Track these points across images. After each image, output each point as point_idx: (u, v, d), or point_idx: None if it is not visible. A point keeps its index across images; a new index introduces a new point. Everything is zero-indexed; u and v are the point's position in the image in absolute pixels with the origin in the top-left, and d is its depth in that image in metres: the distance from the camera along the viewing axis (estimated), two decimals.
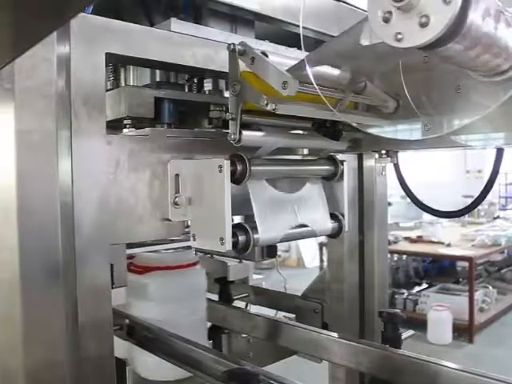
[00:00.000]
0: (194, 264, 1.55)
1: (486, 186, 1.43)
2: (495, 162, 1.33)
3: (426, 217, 7.81)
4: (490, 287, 6.32)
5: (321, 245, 6.30)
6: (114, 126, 1.17)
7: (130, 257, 1.57)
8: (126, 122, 1.18)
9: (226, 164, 0.97)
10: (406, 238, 6.69)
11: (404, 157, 1.45)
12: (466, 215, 8.21)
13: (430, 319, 5.38)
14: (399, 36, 0.79)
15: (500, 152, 1.31)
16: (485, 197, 1.47)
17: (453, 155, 11.30)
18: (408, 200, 1.52)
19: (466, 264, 6.07)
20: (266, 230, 1.02)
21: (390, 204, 7.02)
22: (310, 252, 5.22)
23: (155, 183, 1.04)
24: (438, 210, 1.43)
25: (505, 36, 0.88)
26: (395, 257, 6.98)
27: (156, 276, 1.48)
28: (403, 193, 1.49)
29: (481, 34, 0.81)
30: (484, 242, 6.28)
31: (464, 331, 5.47)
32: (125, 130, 1.19)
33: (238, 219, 1.34)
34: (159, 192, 1.04)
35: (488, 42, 0.85)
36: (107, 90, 1.16)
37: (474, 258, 5.72)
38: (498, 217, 8.67)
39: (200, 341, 1.29)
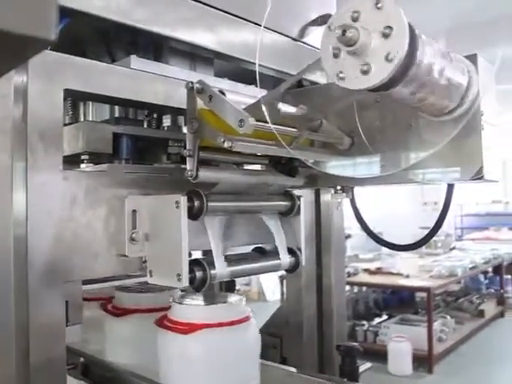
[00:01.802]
0: (248, 318, 1.21)
1: (439, 218, 1.48)
2: (446, 195, 1.38)
3: (385, 249, 7.93)
4: (448, 317, 6.43)
5: (281, 278, 6.30)
6: (72, 161, 1.17)
7: (161, 309, 1.27)
8: (83, 157, 1.18)
9: (183, 200, 0.97)
10: (366, 270, 6.76)
11: (361, 190, 1.49)
12: (424, 247, 8.40)
13: (390, 350, 5.41)
14: (341, 75, 0.83)
15: (450, 187, 1.36)
16: (438, 228, 1.51)
17: (410, 188, 11.58)
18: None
19: (424, 295, 6.16)
20: (224, 265, 1.02)
21: (349, 236, 7.12)
22: (270, 285, 5.22)
23: (112, 219, 1.03)
24: (393, 244, 1.47)
25: (449, 80, 0.94)
26: (355, 289, 7.03)
27: (203, 336, 1.12)
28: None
29: (425, 81, 0.87)
30: (441, 273, 6.40)
31: (423, 361, 5.51)
32: (82, 166, 1.19)
33: (198, 254, 1.35)
34: (116, 228, 1.04)
35: (432, 87, 0.91)
36: (65, 125, 1.16)
37: (431, 288, 5.82)
38: (454, 248, 8.88)
39: None
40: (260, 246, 1.20)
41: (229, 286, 1.63)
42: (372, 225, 1.51)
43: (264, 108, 0.96)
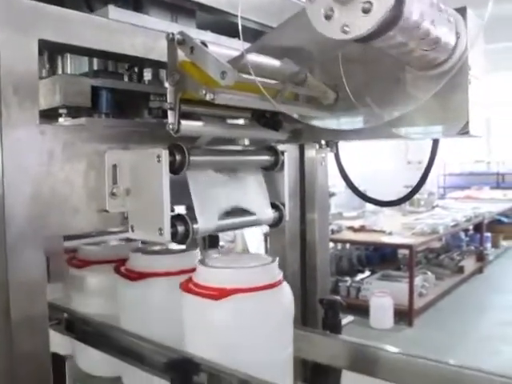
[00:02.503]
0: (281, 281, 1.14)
1: (422, 175, 1.49)
2: (432, 151, 1.38)
3: (369, 207, 8.02)
4: (429, 273, 6.57)
5: (265, 235, 6.36)
6: (50, 116, 1.13)
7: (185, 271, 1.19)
8: (61, 111, 1.14)
9: (165, 154, 0.96)
10: (349, 228, 6.83)
11: (345, 148, 1.49)
12: (407, 205, 8.50)
13: (372, 305, 5.54)
14: (346, 28, 0.80)
15: (436, 143, 1.35)
16: (421, 186, 1.52)
17: (394, 147, 11.63)
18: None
19: (406, 251, 6.27)
20: (206, 220, 1.02)
21: (333, 194, 7.16)
22: (255, 242, 5.27)
23: (92, 174, 1.01)
24: (377, 200, 1.47)
25: (440, 30, 0.92)
26: (339, 246, 7.13)
27: (234, 302, 1.04)
28: None
29: (417, 28, 0.85)
30: (423, 231, 6.50)
31: (404, 315, 5.66)
32: (60, 120, 1.16)
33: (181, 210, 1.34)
34: (96, 183, 1.02)
35: (424, 36, 0.89)
36: (43, 79, 1.12)
37: (414, 245, 5.92)
38: (436, 206, 9.00)
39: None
40: (244, 200, 1.19)
41: (212, 242, 1.63)
42: (356, 183, 1.51)
43: (247, 60, 0.94)
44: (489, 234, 8.98)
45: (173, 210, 1.01)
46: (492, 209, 9.10)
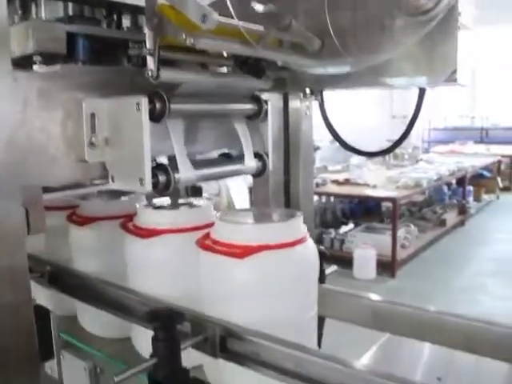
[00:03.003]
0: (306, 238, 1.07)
1: (407, 127, 1.48)
2: (417, 104, 1.37)
3: (354, 160, 8.04)
4: (412, 225, 6.66)
5: (251, 189, 6.37)
6: (24, 64, 1.09)
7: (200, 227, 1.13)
8: (35, 58, 1.10)
9: (144, 102, 0.93)
10: (334, 181, 6.85)
11: (330, 103, 1.46)
12: (391, 159, 8.54)
13: (355, 257, 5.63)
14: None
15: (421, 95, 1.34)
16: (405, 137, 1.51)
17: (379, 101, 11.57)
18: (337, 144, 1.55)
19: (390, 204, 6.34)
20: (188, 169, 1.00)
21: (318, 148, 7.16)
22: (240, 195, 5.27)
23: (69, 123, 0.98)
24: (360, 150, 1.46)
25: None
26: (323, 198, 7.18)
27: (259, 260, 0.98)
28: (332, 137, 1.50)
29: None
30: (407, 184, 6.55)
31: (387, 267, 5.77)
32: (35, 67, 1.11)
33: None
34: (74, 132, 0.99)
35: None
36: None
37: (397, 198, 5.98)
38: (420, 160, 9.05)
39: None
40: (226, 151, 1.17)
41: (195, 194, 1.61)
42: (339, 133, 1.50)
43: (229, 3, 0.90)
44: (471, 188, 9.09)
45: (154, 161, 0.99)
46: (475, 163, 9.17)
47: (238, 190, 5.25)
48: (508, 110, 13.03)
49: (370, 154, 1.50)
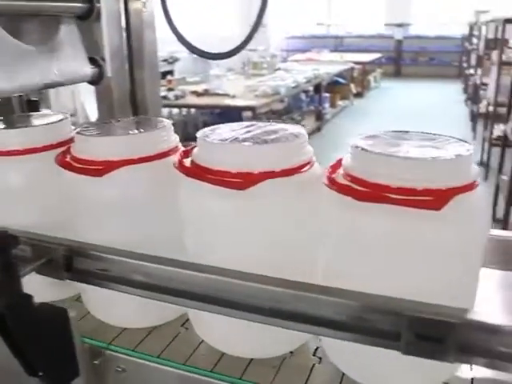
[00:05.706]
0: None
1: (251, 30, 1.48)
2: (260, 8, 1.36)
3: (213, 71, 7.93)
4: None
5: None
6: None
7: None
8: None
9: None
10: (193, 92, 6.71)
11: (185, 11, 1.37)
12: (250, 68, 8.56)
13: None
14: None
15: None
16: (249, 40, 1.52)
17: (239, 12, 11.39)
18: (195, 55, 1.50)
19: (250, 113, 6.42)
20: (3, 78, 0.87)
21: (176, 59, 6.90)
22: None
23: None
24: (204, 51, 1.41)
25: None
26: (184, 111, 7.06)
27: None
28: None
29: None
30: (266, 92, 6.65)
31: None
32: None
33: None
34: None
35: None
36: None
37: (256, 107, 6.07)
38: (279, 69, 9.18)
39: None
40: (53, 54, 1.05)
41: (33, 109, 1.45)
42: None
43: None
44: (327, 95, 9.50)
45: None
46: (330, 70, 9.54)
47: (95, 108, 4.95)
48: (362, 18, 13.58)
49: (214, 57, 1.46)
